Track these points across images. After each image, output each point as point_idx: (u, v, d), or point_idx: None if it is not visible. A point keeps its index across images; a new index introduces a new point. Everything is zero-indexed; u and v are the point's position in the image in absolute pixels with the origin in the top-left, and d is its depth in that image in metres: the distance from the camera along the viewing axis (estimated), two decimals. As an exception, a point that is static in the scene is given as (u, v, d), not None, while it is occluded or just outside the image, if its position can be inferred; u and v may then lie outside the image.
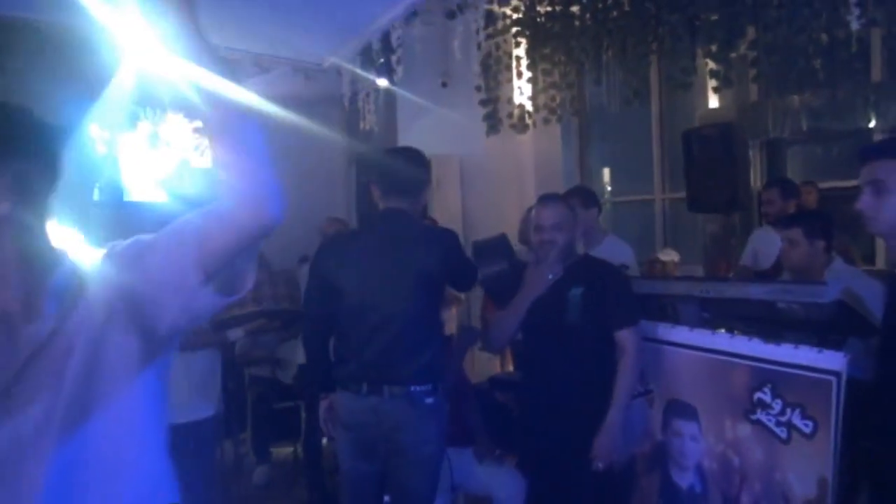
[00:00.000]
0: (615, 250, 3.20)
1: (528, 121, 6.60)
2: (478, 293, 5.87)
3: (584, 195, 3.79)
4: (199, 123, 9.21)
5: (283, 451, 4.91)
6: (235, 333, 3.29)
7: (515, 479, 3.30)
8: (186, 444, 3.29)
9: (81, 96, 8.07)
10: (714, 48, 5.08)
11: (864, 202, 1.87)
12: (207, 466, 3.40)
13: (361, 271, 2.63)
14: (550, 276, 2.74)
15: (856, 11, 4.00)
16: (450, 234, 2.77)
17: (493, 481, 3.32)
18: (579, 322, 2.65)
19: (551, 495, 2.93)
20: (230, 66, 1.16)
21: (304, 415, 4.44)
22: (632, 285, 2.77)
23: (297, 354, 4.27)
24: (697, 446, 2.70)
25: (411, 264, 2.59)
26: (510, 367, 5.62)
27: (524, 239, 3.91)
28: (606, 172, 8.28)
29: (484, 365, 5.98)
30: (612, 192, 8.22)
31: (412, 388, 2.57)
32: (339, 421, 2.70)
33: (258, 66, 5.42)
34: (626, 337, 2.65)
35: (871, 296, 2.44)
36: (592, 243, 3.35)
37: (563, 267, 2.75)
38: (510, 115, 6.62)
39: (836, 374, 2.24)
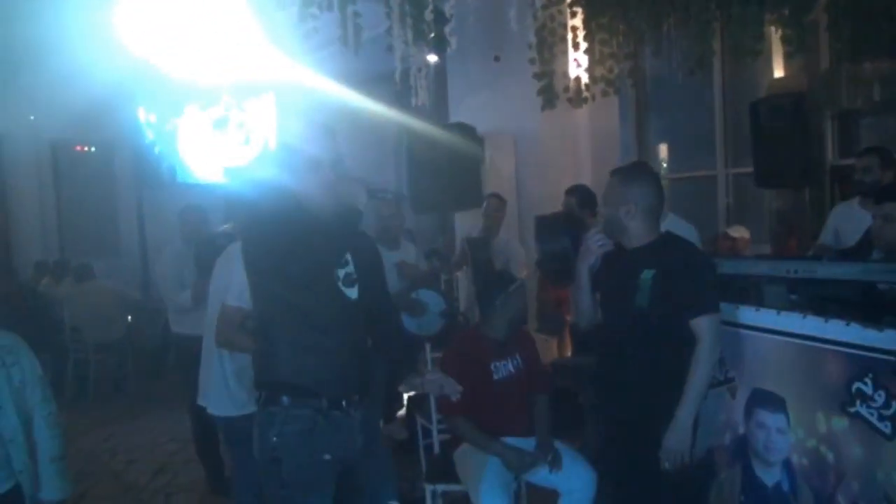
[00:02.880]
0: (676, 229, 2.98)
1: (586, 94, 6.35)
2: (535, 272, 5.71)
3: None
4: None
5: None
6: None
7: (584, 470, 3.14)
8: (241, 435, 3.25)
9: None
10: (786, 12, 4.76)
11: None
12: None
13: None
14: (600, 244, 2.62)
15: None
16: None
17: (559, 472, 3.15)
18: (650, 307, 2.45)
19: (623, 487, 2.76)
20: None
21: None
22: (714, 268, 2.54)
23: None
24: (785, 440, 2.49)
25: None
26: (568, 352, 5.45)
27: None
28: (667, 147, 7.99)
29: (540, 348, 5.81)
30: (669, 167, 7.93)
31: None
32: None
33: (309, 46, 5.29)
34: (701, 325, 2.41)
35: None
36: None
37: (616, 242, 2.62)
38: (566, 89, 6.39)
39: (950, 363, 2.02)
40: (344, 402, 2.20)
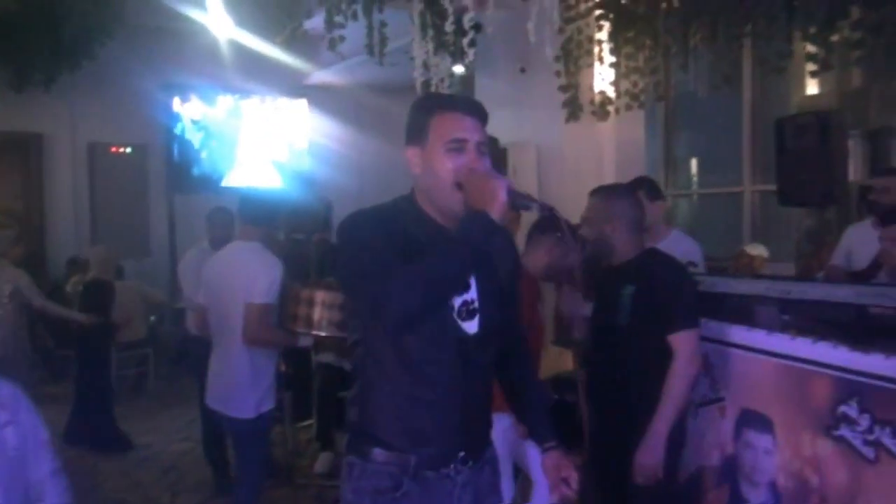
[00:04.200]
0: (680, 246, 2.95)
1: (610, 107, 6.33)
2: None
3: (648, 186, 3.54)
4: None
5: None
6: (307, 341, 3.31)
7: None
8: (250, 437, 3.31)
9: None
10: (813, 29, 4.69)
11: None
12: (264, 456, 3.47)
13: None
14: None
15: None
16: None
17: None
18: (629, 323, 2.44)
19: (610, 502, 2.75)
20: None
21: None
22: (694, 284, 2.52)
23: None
24: (772, 461, 2.45)
25: None
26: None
27: None
28: (693, 163, 7.92)
29: (555, 359, 5.78)
30: (698, 183, 7.87)
31: None
32: None
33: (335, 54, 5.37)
34: (677, 341, 2.39)
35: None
36: (656, 238, 3.12)
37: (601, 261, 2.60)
38: (591, 102, 6.37)
39: (935, 390, 1.97)
40: (441, 462, 1.74)
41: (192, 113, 8.91)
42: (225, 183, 8.93)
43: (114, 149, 8.61)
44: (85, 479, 4.74)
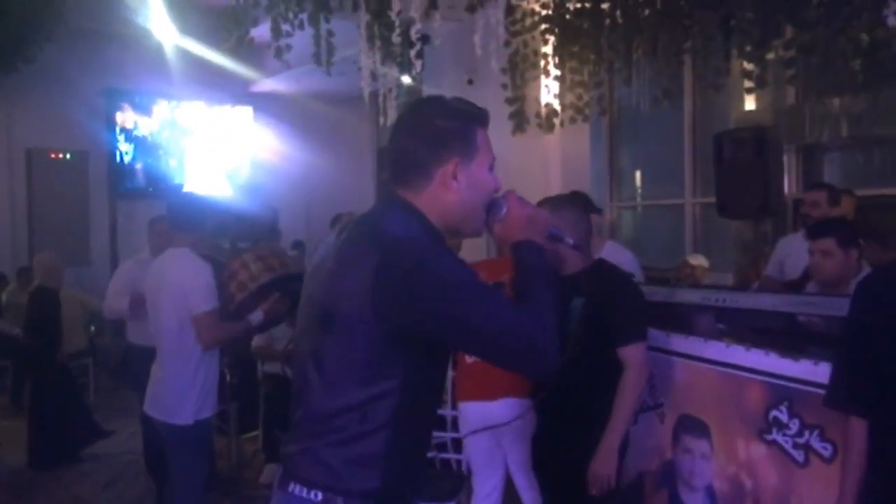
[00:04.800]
0: (615, 258, 3.02)
1: (555, 120, 6.44)
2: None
3: (584, 200, 3.61)
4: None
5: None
6: (257, 317, 3.30)
7: None
8: (191, 442, 3.27)
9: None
10: (748, 48, 4.87)
11: None
12: (206, 462, 3.44)
13: None
14: None
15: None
16: None
17: None
18: (580, 335, 2.48)
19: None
20: None
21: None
22: (643, 296, 2.58)
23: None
24: (708, 466, 2.54)
25: None
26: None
27: None
28: (637, 175, 8.10)
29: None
30: (640, 195, 8.05)
31: None
32: None
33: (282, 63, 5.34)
34: (628, 354, 2.44)
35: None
36: (592, 250, 3.19)
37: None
38: (537, 115, 6.48)
39: (859, 394, 2.06)
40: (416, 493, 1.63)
41: (134, 119, 8.77)
42: (171, 188, 8.81)
43: (53, 154, 8.40)
44: (21, 493, 4.61)
